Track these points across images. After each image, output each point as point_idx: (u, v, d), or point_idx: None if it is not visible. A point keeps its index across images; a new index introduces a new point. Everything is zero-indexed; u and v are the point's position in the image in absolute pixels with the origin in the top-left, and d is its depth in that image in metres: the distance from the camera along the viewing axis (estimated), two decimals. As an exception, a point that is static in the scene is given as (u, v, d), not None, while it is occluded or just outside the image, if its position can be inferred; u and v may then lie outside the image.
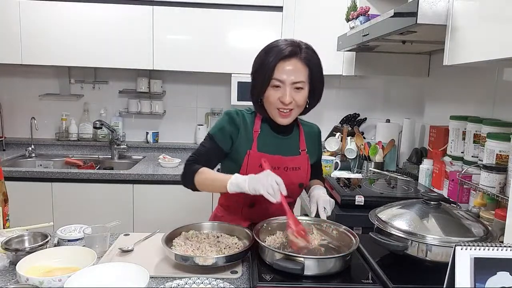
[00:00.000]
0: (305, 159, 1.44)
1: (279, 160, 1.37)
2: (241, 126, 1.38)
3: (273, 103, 1.31)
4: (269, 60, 1.27)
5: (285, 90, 1.28)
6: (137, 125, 3.18)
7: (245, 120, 1.40)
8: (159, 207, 2.56)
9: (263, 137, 1.39)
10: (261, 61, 1.31)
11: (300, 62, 1.28)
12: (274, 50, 1.29)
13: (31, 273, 1.07)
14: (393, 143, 2.68)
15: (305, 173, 1.44)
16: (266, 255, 1.14)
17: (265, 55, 1.30)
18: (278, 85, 1.28)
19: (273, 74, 1.27)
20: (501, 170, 1.44)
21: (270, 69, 1.27)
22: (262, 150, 1.37)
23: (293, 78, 1.27)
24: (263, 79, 1.29)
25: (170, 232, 1.28)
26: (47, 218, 2.34)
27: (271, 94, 1.30)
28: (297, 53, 1.28)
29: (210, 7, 2.69)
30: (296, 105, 1.31)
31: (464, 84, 2.12)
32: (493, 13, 1.15)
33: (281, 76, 1.27)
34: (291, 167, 1.40)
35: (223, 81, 3.03)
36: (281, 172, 1.30)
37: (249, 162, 1.35)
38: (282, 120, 1.34)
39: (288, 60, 1.27)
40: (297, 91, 1.29)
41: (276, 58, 1.27)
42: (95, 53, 2.69)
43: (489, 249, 0.83)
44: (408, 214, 1.19)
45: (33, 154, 2.95)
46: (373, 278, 1.10)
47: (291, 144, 1.43)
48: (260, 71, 1.30)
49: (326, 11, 2.62)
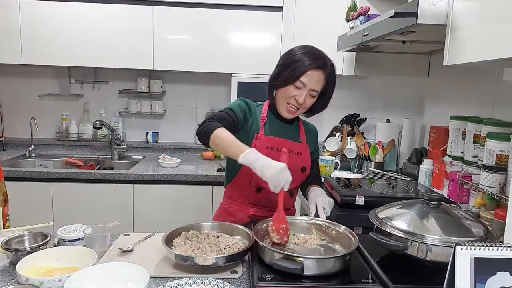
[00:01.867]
0: (305, 147, 1.59)
1: (283, 142, 1.50)
2: (253, 111, 1.53)
3: (286, 97, 1.46)
4: (302, 64, 1.41)
5: (303, 93, 1.43)
6: (137, 125, 3.18)
7: (255, 107, 1.56)
8: (159, 207, 2.56)
9: (269, 123, 1.54)
10: (296, 59, 1.43)
11: (323, 75, 1.44)
12: (311, 57, 1.42)
13: (31, 273, 1.07)
14: (393, 143, 2.68)
15: (306, 159, 1.57)
16: (265, 255, 1.14)
17: (300, 57, 1.42)
18: (300, 86, 1.43)
19: (300, 76, 1.41)
20: (501, 170, 1.44)
21: (300, 72, 1.41)
22: (269, 134, 1.51)
23: (313, 86, 1.43)
24: (291, 76, 1.42)
25: (170, 232, 1.28)
26: (47, 218, 2.34)
27: (290, 90, 1.44)
28: (325, 67, 1.44)
29: (210, 7, 2.69)
30: (304, 107, 1.47)
31: (464, 84, 2.12)
32: (493, 13, 1.14)
33: (306, 81, 1.42)
34: (294, 151, 1.53)
35: (223, 81, 3.03)
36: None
37: (257, 144, 1.47)
38: (287, 114, 1.49)
39: (318, 70, 1.42)
40: (310, 97, 1.45)
41: (309, 66, 1.41)
42: (95, 53, 2.69)
43: (489, 249, 0.83)
44: (408, 214, 1.19)
45: (33, 154, 2.95)
46: (373, 278, 1.10)
47: (293, 132, 1.58)
48: (290, 68, 1.43)
49: (326, 11, 2.62)
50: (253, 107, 1.54)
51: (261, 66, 2.65)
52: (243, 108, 1.51)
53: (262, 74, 2.49)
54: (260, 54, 2.71)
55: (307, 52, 1.44)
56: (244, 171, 1.49)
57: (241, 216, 1.52)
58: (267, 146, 1.47)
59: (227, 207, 1.59)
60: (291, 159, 1.46)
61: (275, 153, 1.45)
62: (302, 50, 1.45)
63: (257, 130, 1.50)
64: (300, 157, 1.54)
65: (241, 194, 1.54)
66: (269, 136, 1.50)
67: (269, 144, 1.48)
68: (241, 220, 1.49)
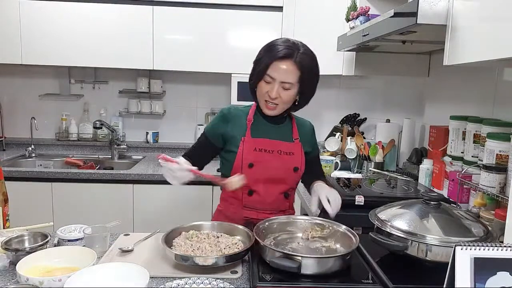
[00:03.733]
0: (298, 146, 1.53)
1: (271, 143, 1.48)
2: (231, 120, 1.50)
3: (262, 95, 1.43)
4: (266, 57, 1.39)
5: (274, 86, 1.39)
6: (137, 125, 3.18)
7: (238, 113, 1.52)
8: (159, 207, 2.56)
9: (256, 125, 1.50)
10: (261, 55, 1.42)
11: (293, 65, 1.37)
12: (273, 48, 1.39)
13: (31, 273, 1.07)
14: (393, 143, 2.68)
15: (299, 159, 1.51)
16: (266, 254, 1.14)
17: (265, 51, 1.41)
18: (269, 81, 1.39)
19: (266, 70, 1.38)
20: (501, 170, 1.44)
21: (265, 65, 1.38)
22: (255, 136, 1.48)
23: (283, 78, 1.38)
24: (258, 72, 1.41)
25: (170, 232, 1.28)
26: (47, 218, 2.34)
27: (262, 86, 1.42)
28: (292, 56, 1.36)
29: (210, 7, 2.69)
30: (282, 101, 1.42)
31: (464, 84, 2.12)
32: (493, 13, 1.14)
33: (272, 74, 1.38)
34: (285, 152, 1.49)
35: (223, 81, 3.03)
36: (274, 156, 1.46)
37: (244, 147, 1.46)
38: (267, 111, 1.46)
39: (282, 60, 1.37)
40: (284, 90, 1.40)
41: (272, 57, 1.37)
42: (95, 53, 2.69)
43: (489, 249, 0.83)
44: (408, 214, 1.19)
45: (33, 154, 2.95)
46: (373, 278, 1.10)
47: (284, 132, 1.53)
48: (257, 64, 1.42)
49: (326, 11, 2.62)
50: (233, 116, 1.50)
51: (261, 66, 2.64)
52: (216, 127, 1.52)
53: (262, 74, 2.49)
54: (260, 54, 2.71)
55: (272, 45, 1.40)
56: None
57: (236, 218, 1.50)
58: (255, 148, 1.46)
59: (223, 209, 1.58)
60: (282, 159, 1.47)
61: (264, 154, 1.46)
62: (268, 43, 1.42)
63: (244, 132, 1.48)
64: (292, 157, 1.49)
65: (235, 197, 1.52)
66: (256, 138, 1.47)
67: (256, 146, 1.46)
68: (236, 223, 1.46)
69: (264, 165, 1.45)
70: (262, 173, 1.45)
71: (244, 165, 1.44)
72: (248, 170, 1.44)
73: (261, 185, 1.46)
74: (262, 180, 1.46)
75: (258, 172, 1.45)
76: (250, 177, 1.41)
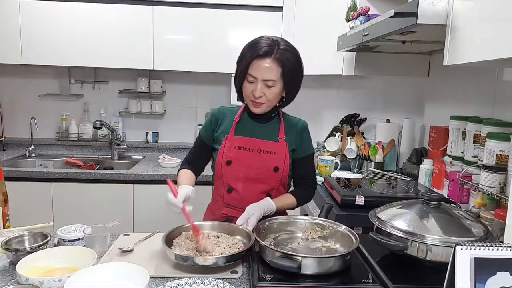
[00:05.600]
0: (282, 146, 1.51)
1: (252, 142, 1.49)
2: (220, 118, 1.54)
3: (247, 95, 1.45)
4: (246, 56, 1.40)
5: (257, 86, 1.39)
6: (137, 125, 3.18)
7: (227, 112, 1.55)
8: (159, 207, 2.55)
9: (241, 123, 1.52)
10: (242, 55, 1.43)
11: (273, 62, 1.37)
12: (252, 47, 1.40)
13: (31, 273, 1.07)
14: (393, 143, 2.68)
15: (282, 159, 1.50)
16: (266, 254, 1.14)
17: (246, 50, 1.42)
18: (252, 80, 1.40)
19: (248, 70, 1.39)
20: (501, 170, 1.44)
21: (246, 65, 1.39)
22: (239, 134, 1.50)
23: (264, 76, 1.38)
24: (240, 72, 1.43)
25: (170, 232, 1.28)
26: (47, 218, 2.34)
27: (246, 87, 1.43)
28: (271, 53, 1.37)
29: (210, 7, 2.69)
30: (267, 99, 1.42)
31: (464, 84, 2.12)
32: (493, 13, 1.14)
33: (254, 73, 1.39)
34: (266, 151, 1.49)
35: (223, 81, 3.03)
36: (254, 154, 1.47)
37: (225, 145, 1.49)
38: (254, 109, 1.46)
39: (262, 58, 1.37)
40: (268, 87, 1.40)
41: (252, 56, 1.38)
42: (95, 53, 2.69)
43: (489, 249, 0.83)
44: (408, 214, 1.19)
45: (33, 154, 2.95)
46: (373, 278, 1.10)
47: (269, 130, 1.52)
48: (239, 64, 1.44)
49: (326, 11, 2.61)
50: (221, 115, 1.55)
51: (261, 66, 2.64)
52: (208, 126, 1.56)
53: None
54: (260, 54, 2.70)
55: (250, 45, 1.42)
56: (217, 173, 1.51)
57: (218, 214, 1.54)
58: (235, 146, 1.48)
59: (211, 204, 1.63)
60: (261, 158, 1.47)
61: (243, 152, 1.48)
62: (248, 43, 1.43)
63: (228, 131, 1.51)
64: (273, 157, 1.48)
65: (219, 194, 1.55)
66: (239, 136, 1.50)
67: (237, 144, 1.48)
68: (217, 218, 1.50)
69: (242, 163, 1.47)
70: (239, 171, 1.47)
71: (223, 162, 1.47)
72: (226, 167, 1.47)
73: (240, 183, 1.48)
74: (241, 178, 1.48)
75: (236, 169, 1.47)
76: (228, 175, 1.48)
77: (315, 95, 3.10)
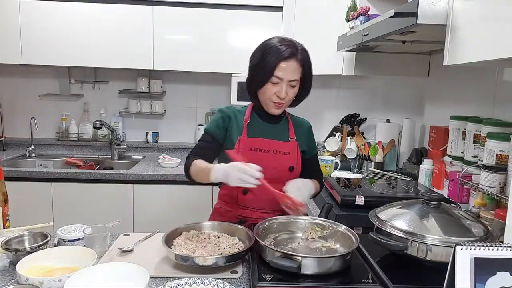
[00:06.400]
0: (294, 146, 1.54)
1: (268, 143, 1.50)
2: (232, 117, 1.52)
3: (268, 96, 1.44)
4: (271, 59, 1.39)
5: (282, 87, 1.41)
6: (137, 125, 3.18)
7: (236, 112, 1.54)
8: (159, 207, 2.56)
9: (252, 124, 1.52)
10: (262, 58, 1.42)
11: (296, 63, 1.41)
12: (275, 50, 1.40)
13: (31, 273, 1.07)
14: (393, 143, 2.68)
15: (295, 158, 1.53)
16: (266, 254, 1.14)
17: (266, 53, 1.41)
18: (277, 81, 1.41)
19: (273, 72, 1.39)
20: (501, 170, 1.44)
21: (272, 67, 1.39)
22: (252, 136, 1.49)
23: (290, 76, 1.40)
24: (263, 75, 1.41)
25: (170, 232, 1.28)
26: (47, 218, 2.34)
27: (269, 88, 1.42)
28: (295, 55, 1.40)
29: (210, 7, 2.69)
30: (288, 99, 1.46)
31: (464, 84, 2.12)
32: (493, 13, 1.14)
33: (280, 74, 1.39)
34: (281, 151, 1.51)
35: (223, 81, 3.03)
36: (270, 155, 1.48)
37: (240, 147, 1.47)
38: (275, 110, 1.48)
39: (288, 60, 1.39)
40: (291, 88, 1.43)
41: (278, 59, 1.38)
42: (95, 53, 2.70)
43: (489, 249, 0.83)
44: (408, 214, 1.19)
45: (33, 154, 2.95)
46: (373, 278, 1.10)
47: (280, 131, 1.55)
48: (261, 67, 1.41)
49: (326, 11, 2.62)
50: (232, 114, 1.53)
51: (261, 66, 2.65)
52: (219, 124, 1.51)
53: (262, 74, 2.50)
54: (260, 54, 2.70)
55: (274, 45, 1.41)
56: None
57: (230, 216, 1.53)
58: (251, 147, 1.47)
59: (219, 207, 1.60)
60: (277, 158, 1.48)
61: (258, 154, 1.47)
62: (269, 44, 1.42)
63: (240, 132, 1.50)
64: (288, 157, 1.51)
65: (231, 196, 1.54)
66: (252, 137, 1.49)
67: (252, 145, 1.48)
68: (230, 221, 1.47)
69: (259, 164, 1.43)
70: None
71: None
72: None
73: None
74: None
75: None
76: None
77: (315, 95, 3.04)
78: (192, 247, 1.23)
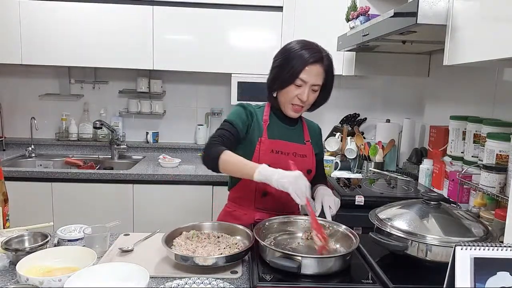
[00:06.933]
0: (310, 149, 1.56)
1: (287, 145, 1.50)
2: (254, 115, 1.51)
3: (290, 98, 1.44)
4: (298, 62, 1.39)
5: (305, 90, 1.42)
6: (137, 125, 3.18)
7: (257, 111, 1.53)
8: (159, 207, 2.55)
9: (272, 126, 1.51)
10: (287, 59, 1.42)
11: (321, 68, 1.42)
12: (302, 53, 1.40)
13: (31, 273, 1.07)
14: (393, 143, 2.68)
15: (311, 161, 1.55)
16: (266, 254, 1.14)
17: (293, 56, 1.41)
18: (301, 84, 1.41)
19: (299, 74, 1.40)
20: (501, 170, 1.44)
21: (298, 70, 1.39)
22: (272, 138, 1.49)
23: (314, 80, 1.42)
24: (289, 76, 1.41)
25: (170, 232, 1.28)
26: (47, 218, 2.34)
27: (291, 90, 1.43)
28: (322, 60, 1.42)
29: (210, 7, 2.69)
30: (308, 103, 1.47)
31: (464, 84, 2.12)
32: (493, 13, 1.14)
33: (305, 78, 1.40)
34: (299, 154, 1.51)
35: (223, 81, 3.03)
36: (290, 158, 1.45)
37: (261, 148, 1.46)
38: (293, 113, 1.48)
39: (314, 64, 1.40)
40: (312, 92, 1.44)
41: (305, 62, 1.39)
42: (95, 53, 2.69)
43: (489, 249, 0.83)
44: (408, 214, 1.19)
45: (33, 154, 2.95)
46: (373, 278, 1.10)
47: (297, 134, 1.56)
48: (286, 68, 1.42)
49: (326, 11, 2.62)
50: (253, 111, 1.51)
51: (261, 66, 2.60)
52: (243, 118, 1.48)
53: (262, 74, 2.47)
54: (260, 54, 2.70)
55: (301, 48, 1.41)
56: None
57: (246, 219, 1.50)
58: (272, 150, 1.46)
59: (232, 210, 1.57)
60: (296, 161, 1.42)
61: (279, 156, 1.46)
62: (296, 46, 1.42)
63: (260, 133, 1.48)
64: (305, 160, 1.51)
65: (246, 199, 1.52)
66: (272, 139, 1.48)
67: (273, 148, 1.47)
68: (246, 223, 1.45)
69: (279, 167, 1.36)
70: None
71: None
72: None
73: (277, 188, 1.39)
74: None
75: None
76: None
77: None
78: (192, 247, 1.23)
